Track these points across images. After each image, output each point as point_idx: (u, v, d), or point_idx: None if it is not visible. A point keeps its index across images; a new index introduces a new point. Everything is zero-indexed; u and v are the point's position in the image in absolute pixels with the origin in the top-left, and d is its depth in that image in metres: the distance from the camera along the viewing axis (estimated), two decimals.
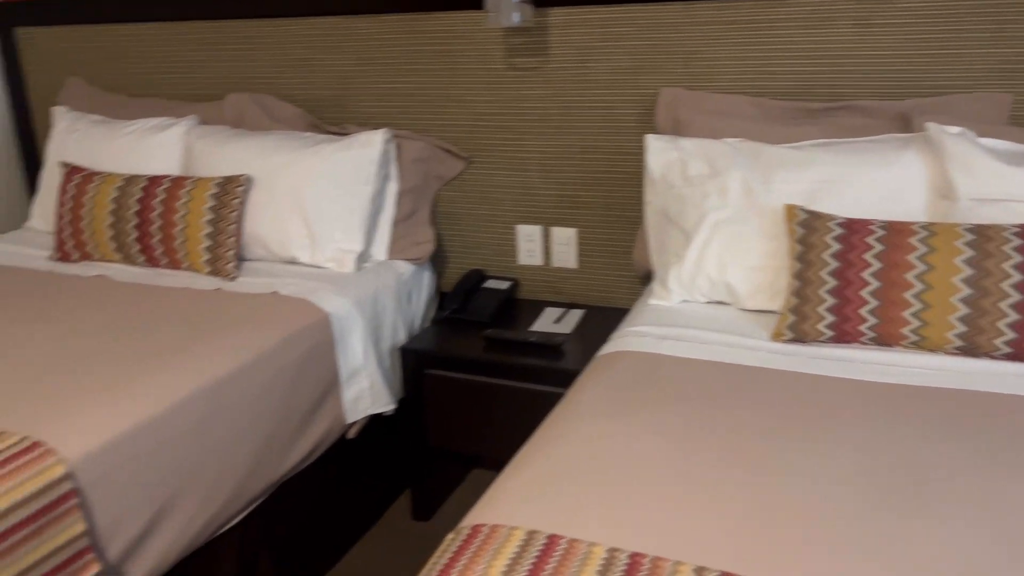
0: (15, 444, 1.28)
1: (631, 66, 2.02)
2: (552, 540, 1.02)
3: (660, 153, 1.85)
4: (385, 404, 2.01)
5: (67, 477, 1.28)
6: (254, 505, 1.70)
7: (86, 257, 2.18)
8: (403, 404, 2.08)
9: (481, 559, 0.99)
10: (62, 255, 2.20)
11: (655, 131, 2.01)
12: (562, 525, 1.05)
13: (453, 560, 1.01)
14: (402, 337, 2.14)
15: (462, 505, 2.22)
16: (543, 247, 2.25)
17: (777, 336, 1.57)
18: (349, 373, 1.94)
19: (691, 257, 1.73)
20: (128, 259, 2.14)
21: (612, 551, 0.99)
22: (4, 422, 1.35)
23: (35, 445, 1.28)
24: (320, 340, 1.85)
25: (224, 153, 2.18)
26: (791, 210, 1.62)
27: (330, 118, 2.37)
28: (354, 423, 1.98)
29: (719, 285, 1.72)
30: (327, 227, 2.09)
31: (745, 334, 1.61)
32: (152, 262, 2.11)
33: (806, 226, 1.58)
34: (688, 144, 1.84)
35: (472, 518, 1.10)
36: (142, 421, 1.42)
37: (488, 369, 1.97)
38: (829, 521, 1.04)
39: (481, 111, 2.20)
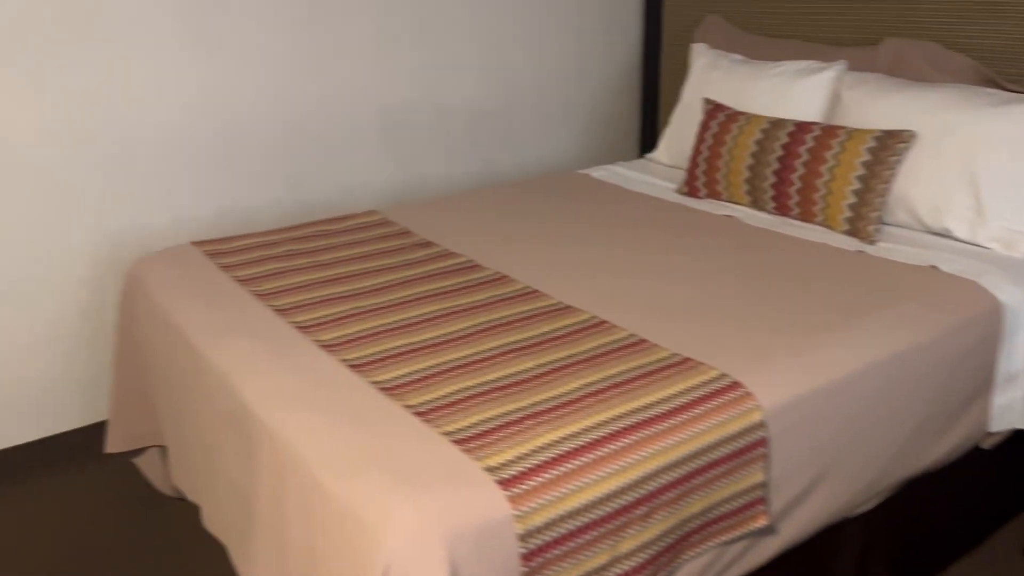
0: (715, 380, 1.28)
1: None
2: None
3: None
4: None
5: (761, 425, 1.25)
6: (882, 497, 1.55)
7: (714, 195, 2.20)
8: None
9: None
10: (690, 190, 2.25)
11: None
12: None
13: None
14: None
15: None
16: None
17: None
18: (1006, 376, 1.65)
19: None
20: (757, 204, 2.10)
21: None
22: (691, 351, 1.37)
23: (735, 385, 1.27)
24: (987, 333, 1.59)
25: (879, 105, 1.99)
26: None
27: (1010, 74, 2.01)
28: (995, 433, 1.70)
29: None
30: (1000, 201, 1.79)
31: None
32: (782, 210, 2.04)
33: None
34: None
35: None
36: (829, 382, 1.34)
37: None
38: None
39: None
